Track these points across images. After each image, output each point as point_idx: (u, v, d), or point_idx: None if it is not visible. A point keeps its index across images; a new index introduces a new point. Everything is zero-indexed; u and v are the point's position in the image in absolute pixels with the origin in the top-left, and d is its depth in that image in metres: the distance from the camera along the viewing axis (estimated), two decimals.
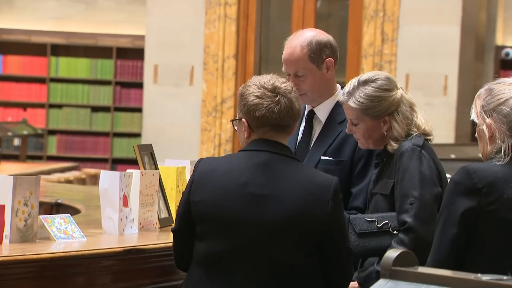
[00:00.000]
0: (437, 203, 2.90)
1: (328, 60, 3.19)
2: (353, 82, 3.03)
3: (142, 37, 10.31)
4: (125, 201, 3.21)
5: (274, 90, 2.73)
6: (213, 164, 2.76)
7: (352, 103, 2.99)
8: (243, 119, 2.76)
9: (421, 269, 1.77)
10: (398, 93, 3.02)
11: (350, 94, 3.00)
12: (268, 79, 2.76)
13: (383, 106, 2.98)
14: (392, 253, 1.80)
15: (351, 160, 3.14)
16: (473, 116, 2.68)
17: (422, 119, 3.06)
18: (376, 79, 3.01)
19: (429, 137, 3.04)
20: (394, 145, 2.99)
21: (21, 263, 2.76)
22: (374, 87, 2.99)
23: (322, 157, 3.16)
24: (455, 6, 9.48)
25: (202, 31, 9.74)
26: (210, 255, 2.71)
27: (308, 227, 2.68)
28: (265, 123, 2.73)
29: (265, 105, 2.71)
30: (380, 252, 2.89)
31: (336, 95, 3.24)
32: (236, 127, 2.84)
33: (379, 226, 2.91)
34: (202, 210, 2.71)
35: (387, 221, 2.90)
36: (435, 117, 9.48)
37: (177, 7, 9.78)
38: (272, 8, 10.37)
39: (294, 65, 3.19)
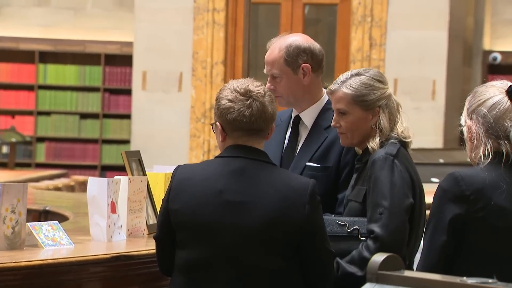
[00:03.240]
0: (407, 214, 2.89)
1: (305, 65, 3.18)
2: (345, 73, 3.04)
3: (130, 44, 10.31)
4: (113, 208, 3.21)
5: (246, 94, 2.73)
6: (190, 172, 2.75)
7: (345, 88, 2.99)
8: (217, 123, 2.77)
9: (407, 273, 1.77)
10: (389, 90, 3.04)
11: (343, 82, 3.00)
12: (242, 83, 2.76)
13: (375, 96, 2.98)
14: (378, 257, 1.80)
15: (337, 166, 3.13)
16: (461, 120, 2.69)
17: (404, 123, 3.05)
18: (368, 71, 3.05)
19: (407, 140, 3.02)
20: (375, 145, 2.97)
21: (9, 271, 2.75)
22: (367, 76, 3.01)
23: (308, 164, 3.16)
24: (443, 11, 9.51)
25: (190, 37, 9.75)
26: (189, 263, 2.71)
27: (285, 231, 2.67)
28: (238, 127, 2.73)
29: (236, 109, 2.71)
30: (345, 256, 2.90)
31: (322, 101, 3.24)
32: (214, 131, 2.85)
33: (349, 230, 2.91)
34: (181, 218, 2.72)
35: (357, 227, 2.90)
36: (423, 122, 9.51)
37: (165, 14, 9.78)
38: (260, 14, 10.39)
39: (270, 66, 3.21)
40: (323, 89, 3.27)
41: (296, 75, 3.18)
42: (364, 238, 2.88)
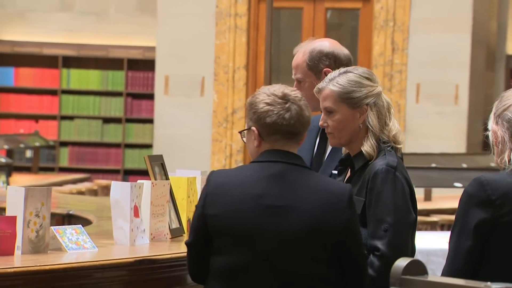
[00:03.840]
0: (411, 229, 2.86)
1: (327, 70, 3.18)
2: (334, 72, 2.99)
3: (153, 49, 10.35)
4: (136, 212, 3.22)
5: (284, 97, 2.71)
6: (226, 176, 2.74)
7: (332, 86, 2.94)
8: (253, 128, 2.74)
9: (431, 278, 1.77)
10: (378, 88, 2.96)
11: (331, 80, 2.96)
12: (277, 87, 2.75)
13: (362, 93, 2.92)
14: (401, 262, 1.80)
15: None
16: (489, 124, 2.67)
17: (396, 126, 2.96)
18: (357, 69, 3.00)
19: (398, 146, 2.94)
20: (369, 148, 2.89)
21: (33, 274, 2.77)
22: (355, 74, 2.96)
23: (334, 172, 3.15)
24: (466, 15, 9.47)
25: (212, 42, 9.77)
26: (228, 269, 2.68)
27: (327, 236, 2.66)
28: (276, 130, 2.71)
29: (275, 112, 2.70)
30: None
31: None
32: (244, 139, 2.81)
33: None
34: (219, 224, 2.68)
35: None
36: (446, 126, 9.47)
37: (187, 18, 9.81)
38: (282, 18, 10.40)
39: (295, 70, 3.23)
40: None
41: (319, 79, 3.18)
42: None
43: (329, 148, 3.23)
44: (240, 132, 2.85)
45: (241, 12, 9.70)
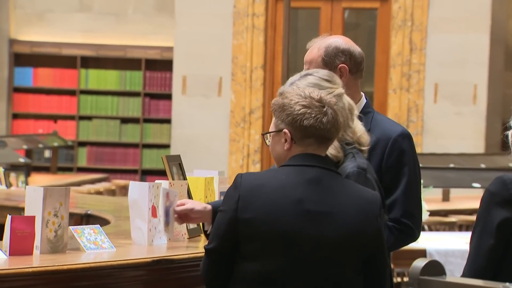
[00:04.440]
0: (385, 229, 2.82)
1: (342, 66, 3.17)
2: (296, 75, 2.98)
3: (170, 49, 10.37)
4: (154, 212, 3.22)
5: (321, 101, 2.65)
6: (260, 180, 2.64)
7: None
8: (286, 130, 2.65)
9: (449, 278, 1.76)
10: (339, 89, 2.94)
11: (292, 83, 2.95)
12: (312, 89, 2.70)
13: None
14: (419, 263, 1.80)
15: (379, 170, 3.11)
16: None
17: (360, 127, 2.94)
18: (318, 71, 2.99)
19: (363, 148, 2.91)
20: (334, 151, 2.83)
21: (51, 274, 2.78)
22: (315, 76, 2.95)
23: None
24: (484, 15, 9.43)
25: (230, 42, 9.78)
26: (262, 275, 2.59)
27: (361, 244, 2.61)
28: (311, 134, 2.63)
29: (313, 115, 2.62)
30: None
31: (360, 104, 3.22)
32: (267, 140, 2.73)
33: None
34: (254, 228, 2.58)
35: None
36: (464, 126, 9.44)
37: (205, 19, 9.83)
38: (299, 18, 10.39)
39: (308, 65, 3.20)
40: (362, 93, 3.25)
41: None
42: None
43: None
44: (263, 134, 2.78)
45: (258, 12, 9.70)
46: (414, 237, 3.09)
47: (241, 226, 2.60)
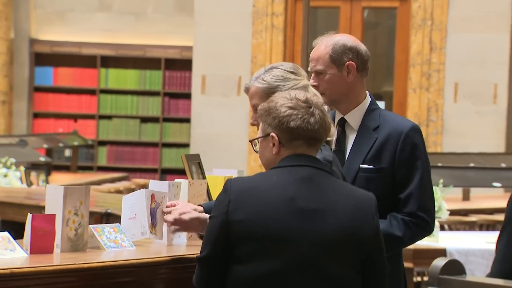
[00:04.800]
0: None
1: (349, 63, 3.18)
2: (261, 69, 2.98)
3: (190, 48, 10.39)
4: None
5: (307, 101, 2.61)
6: (250, 182, 2.59)
7: (257, 83, 2.93)
8: (273, 134, 2.60)
9: (469, 278, 1.76)
10: (304, 81, 2.95)
11: (257, 78, 2.96)
12: (297, 92, 2.66)
13: (287, 87, 2.89)
14: (439, 262, 1.79)
15: (392, 166, 3.11)
16: None
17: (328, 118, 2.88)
18: (283, 64, 2.99)
19: (329, 138, 2.84)
20: None
21: (71, 272, 2.80)
22: (280, 69, 2.96)
23: (362, 166, 3.14)
24: (504, 14, 9.38)
25: (249, 42, 9.78)
26: (258, 277, 2.53)
27: (359, 242, 2.56)
28: (299, 135, 2.59)
29: (299, 116, 2.58)
30: None
31: (366, 102, 3.22)
32: (255, 147, 2.70)
33: None
34: (247, 229, 2.53)
35: None
36: (485, 126, 9.39)
37: (224, 18, 9.84)
38: (319, 18, 10.38)
39: (315, 62, 3.21)
40: (366, 91, 3.26)
41: (341, 72, 3.18)
42: None
43: (350, 144, 3.21)
44: (251, 141, 2.74)
45: (277, 11, 9.70)
46: (430, 231, 3.08)
47: (233, 228, 2.54)
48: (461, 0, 9.45)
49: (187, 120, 10.65)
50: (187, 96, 10.66)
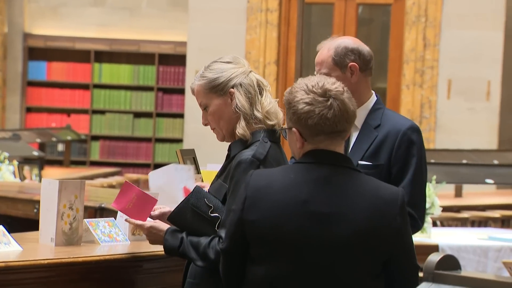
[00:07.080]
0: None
1: (352, 64, 3.23)
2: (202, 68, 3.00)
3: (184, 44, 10.39)
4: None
5: (325, 94, 2.52)
6: (268, 178, 2.53)
7: (198, 81, 2.94)
8: (294, 129, 2.54)
9: (464, 273, 1.77)
10: (242, 68, 2.94)
11: (198, 77, 2.96)
12: (316, 81, 2.55)
13: (225, 78, 2.90)
14: (434, 257, 1.80)
15: (388, 163, 3.15)
16: None
17: (271, 102, 2.90)
18: (221, 57, 2.99)
19: (270, 122, 2.86)
20: (241, 130, 2.83)
21: (66, 266, 2.80)
22: (217, 62, 2.97)
23: (360, 162, 3.18)
24: (498, 11, 9.40)
25: (243, 37, 9.78)
26: (269, 280, 2.49)
27: (376, 246, 2.47)
28: (319, 132, 2.51)
29: (316, 112, 2.50)
30: (192, 232, 2.79)
31: (370, 101, 3.26)
32: (286, 137, 2.64)
33: (211, 215, 2.80)
34: (259, 231, 2.49)
35: (219, 216, 2.78)
36: (478, 123, 9.41)
37: (218, 14, 9.83)
38: (313, 14, 10.38)
39: (319, 66, 3.26)
40: (372, 91, 3.29)
41: (344, 74, 3.22)
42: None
43: (353, 140, 3.24)
44: (280, 130, 2.71)
45: (272, 7, 9.70)
46: (417, 227, 3.08)
47: (247, 228, 2.52)
48: None
49: (181, 116, 10.65)
50: (181, 91, 10.65)
